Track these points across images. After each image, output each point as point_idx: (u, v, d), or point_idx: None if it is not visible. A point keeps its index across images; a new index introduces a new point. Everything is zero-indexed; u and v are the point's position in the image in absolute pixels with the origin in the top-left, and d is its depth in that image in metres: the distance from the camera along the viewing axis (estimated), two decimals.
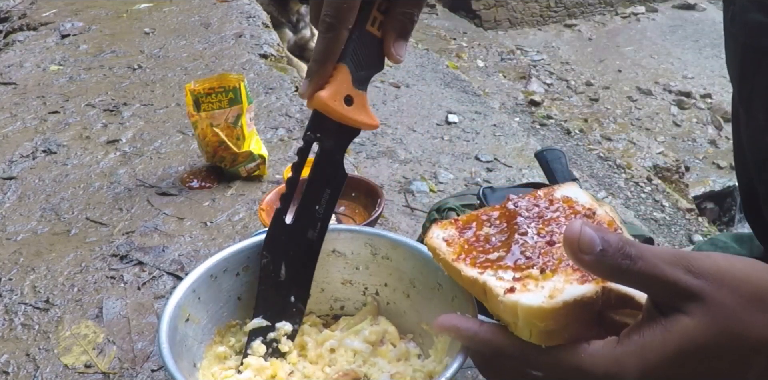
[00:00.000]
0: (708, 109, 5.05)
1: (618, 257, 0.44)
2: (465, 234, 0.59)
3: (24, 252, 1.15)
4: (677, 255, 0.45)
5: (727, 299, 0.43)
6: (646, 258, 0.44)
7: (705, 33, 6.03)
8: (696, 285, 0.43)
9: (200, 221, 1.22)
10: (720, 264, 0.44)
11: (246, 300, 0.78)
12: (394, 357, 0.75)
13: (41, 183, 1.36)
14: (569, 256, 0.45)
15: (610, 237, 0.44)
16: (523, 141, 3.28)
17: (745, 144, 0.87)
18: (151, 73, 1.88)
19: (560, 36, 6.06)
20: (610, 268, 0.44)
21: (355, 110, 0.67)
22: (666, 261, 0.44)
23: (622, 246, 0.44)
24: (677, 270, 0.44)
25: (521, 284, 0.50)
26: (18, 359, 0.92)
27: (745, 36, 0.78)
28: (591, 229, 0.44)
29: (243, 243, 0.77)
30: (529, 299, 0.48)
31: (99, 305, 1.02)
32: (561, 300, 0.47)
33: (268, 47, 2.04)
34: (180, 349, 0.67)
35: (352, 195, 1.15)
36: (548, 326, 0.47)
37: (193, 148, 1.46)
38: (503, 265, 0.53)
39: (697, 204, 3.91)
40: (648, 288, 0.45)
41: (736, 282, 0.44)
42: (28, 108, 1.69)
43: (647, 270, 0.44)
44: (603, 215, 0.57)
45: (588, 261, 0.44)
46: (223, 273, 0.75)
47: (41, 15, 2.41)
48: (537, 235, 0.55)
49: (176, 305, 0.68)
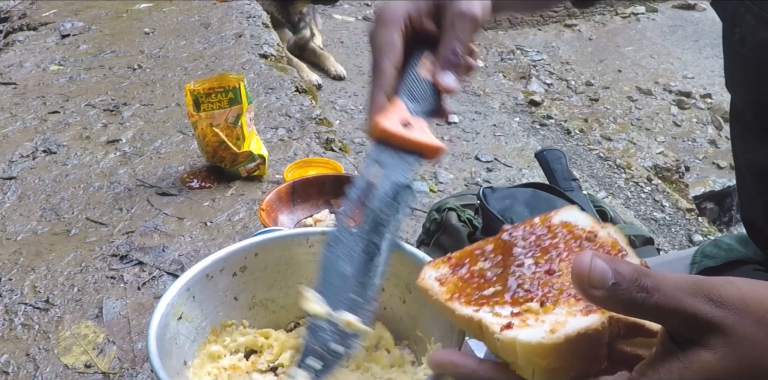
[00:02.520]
0: (708, 109, 5.05)
1: (633, 290, 0.40)
2: (458, 272, 0.55)
3: (24, 252, 1.15)
4: (697, 284, 0.41)
5: (752, 330, 0.40)
6: (663, 289, 0.40)
7: (705, 33, 6.02)
8: (718, 316, 0.40)
9: (200, 221, 1.22)
10: (744, 291, 0.41)
11: (243, 300, 0.78)
12: (388, 363, 0.75)
13: (41, 183, 1.36)
14: (579, 292, 0.42)
15: (624, 269, 0.41)
16: (523, 141, 3.28)
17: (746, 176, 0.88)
18: (151, 73, 1.88)
19: (560, 36, 6.05)
20: (624, 303, 0.41)
21: (414, 132, 0.63)
22: (685, 291, 0.41)
23: (636, 278, 0.40)
24: (697, 300, 0.40)
25: (520, 319, 0.47)
26: (18, 359, 0.92)
27: (758, 56, 0.78)
28: (602, 261, 0.41)
29: (241, 244, 0.77)
30: (528, 335, 0.44)
31: (99, 305, 1.02)
32: (563, 335, 0.43)
33: (268, 47, 2.04)
34: (170, 347, 0.67)
35: None
36: (551, 363, 0.44)
37: (193, 148, 1.46)
38: (500, 301, 0.50)
39: (697, 204, 3.90)
40: (666, 320, 0.42)
41: (760, 312, 0.41)
42: (28, 108, 1.69)
43: (665, 303, 0.40)
44: (605, 237, 0.53)
45: (599, 296, 0.41)
46: (219, 273, 0.75)
47: (41, 15, 2.41)
48: (535, 265, 0.52)
49: (169, 303, 0.68)
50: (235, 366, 0.73)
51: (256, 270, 0.78)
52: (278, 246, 0.79)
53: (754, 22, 0.78)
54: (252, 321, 0.79)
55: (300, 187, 1.18)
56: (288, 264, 0.80)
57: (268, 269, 0.79)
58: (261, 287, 0.79)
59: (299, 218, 1.17)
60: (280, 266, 0.80)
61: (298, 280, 0.79)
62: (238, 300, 0.77)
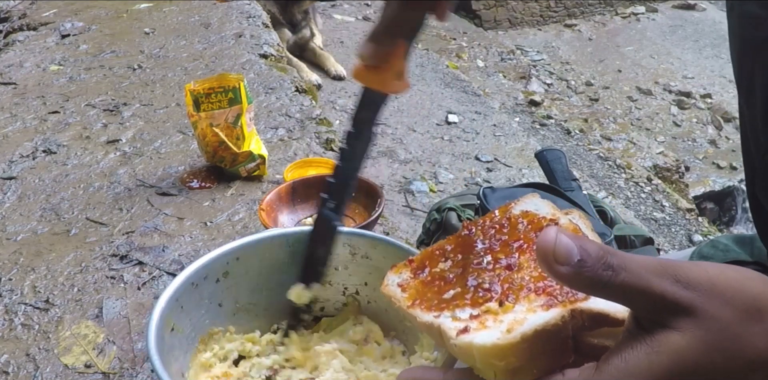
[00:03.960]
0: (708, 109, 5.05)
1: (599, 268, 0.39)
2: (420, 276, 0.53)
3: (24, 252, 1.15)
4: (664, 265, 0.40)
5: (721, 311, 0.39)
6: (629, 268, 0.39)
7: (705, 33, 6.02)
8: (686, 296, 0.39)
9: (200, 221, 1.22)
10: (711, 273, 0.40)
11: (227, 306, 0.77)
12: (379, 356, 0.75)
13: (41, 183, 1.36)
14: (543, 269, 0.40)
15: (590, 246, 0.39)
16: (523, 141, 3.28)
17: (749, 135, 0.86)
18: (151, 73, 1.88)
19: (560, 36, 6.06)
20: (590, 281, 0.39)
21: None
22: (652, 272, 0.40)
23: (602, 256, 0.39)
24: (665, 281, 0.39)
25: (478, 322, 0.45)
26: (18, 359, 0.92)
27: (741, 27, 0.78)
28: (567, 237, 0.39)
29: (222, 249, 0.77)
30: (483, 338, 0.43)
31: (99, 305, 1.02)
32: (519, 334, 0.42)
33: (268, 47, 2.04)
34: (169, 360, 0.66)
35: (352, 196, 1.15)
36: (511, 363, 0.42)
37: (193, 148, 1.46)
38: (460, 303, 0.48)
39: (697, 204, 3.91)
40: (632, 302, 0.41)
41: (729, 293, 0.40)
42: (28, 108, 1.69)
43: (631, 282, 0.39)
44: (567, 224, 0.52)
45: (565, 273, 0.39)
46: (203, 280, 0.75)
47: (41, 15, 2.41)
48: (494, 262, 0.50)
49: (161, 316, 0.67)
50: (227, 373, 0.73)
51: (238, 275, 0.78)
52: (259, 248, 0.79)
53: None
54: (237, 327, 0.79)
55: (300, 187, 1.18)
56: (269, 266, 0.80)
57: (249, 273, 0.79)
58: (243, 292, 0.79)
59: (299, 218, 1.17)
60: (261, 269, 0.79)
61: (279, 282, 0.79)
62: (222, 306, 0.77)
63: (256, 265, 0.79)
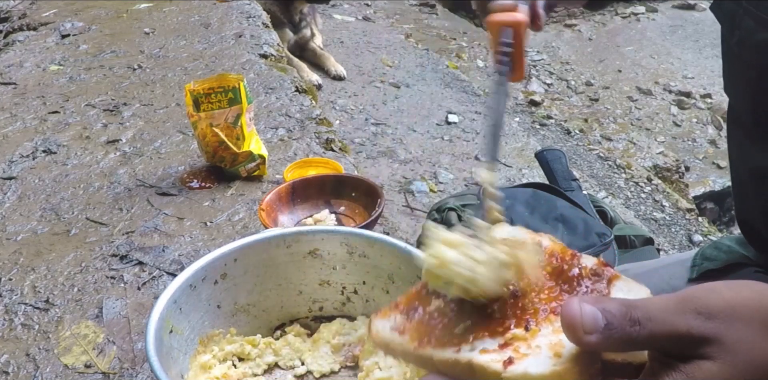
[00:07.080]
0: (708, 109, 5.05)
1: (626, 326, 0.40)
2: (415, 317, 0.51)
3: (24, 252, 1.15)
4: (684, 300, 0.41)
5: (744, 333, 0.41)
6: (653, 317, 0.40)
7: (705, 33, 6.02)
8: (710, 327, 0.41)
9: (200, 221, 1.22)
10: (727, 297, 0.42)
11: (225, 307, 0.78)
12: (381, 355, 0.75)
13: (41, 183, 1.36)
14: (572, 340, 0.40)
15: (611, 306, 0.40)
16: (523, 141, 3.28)
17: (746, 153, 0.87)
18: (151, 73, 1.88)
19: (560, 36, 6.05)
20: (620, 340, 0.40)
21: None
22: (674, 311, 0.41)
23: (626, 312, 0.40)
24: (687, 317, 0.41)
25: (512, 350, 0.44)
26: (18, 359, 0.92)
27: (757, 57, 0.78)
28: (590, 305, 0.40)
29: (221, 250, 0.77)
30: (537, 366, 0.42)
31: (99, 305, 1.02)
32: (569, 356, 0.41)
33: (268, 47, 2.04)
34: (168, 362, 0.66)
35: (352, 196, 1.15)
36: None
37: (193, 148, 1.46)
38: (478, 335, 0.46)
39: (697, 205, 3.90)
40: (663, 346, 0.42)
41: (747, 313, 0.42)
42: (28, 108, 1.69)
43: (659, 330, 0.40)
44: (551, 245, 0.51)
45: (595, 341, 0.40)
46: (202, 282, 0.75)
47: (41, 15, 2.41)
48: None
49: (159, 318, 0.68)
50: (227, 374, 0.73)
51: (236, 276, 0.78)
52: (257, 249, 0.79)
53: (752, 23, 0.78)
54: (237, 329, 0.79)
55: (300, 187, 1.18)
56: (267, 267, 0.80)
57: (247, 274, 0.79)
58: (242, 293, 0.79)
59: (299, 218, 1.16)
60: (259, 269, 0.79)
61: (277, 282, 0.79)
62: (221, 308, 0.77)
63: (255, 266, 0.79)
